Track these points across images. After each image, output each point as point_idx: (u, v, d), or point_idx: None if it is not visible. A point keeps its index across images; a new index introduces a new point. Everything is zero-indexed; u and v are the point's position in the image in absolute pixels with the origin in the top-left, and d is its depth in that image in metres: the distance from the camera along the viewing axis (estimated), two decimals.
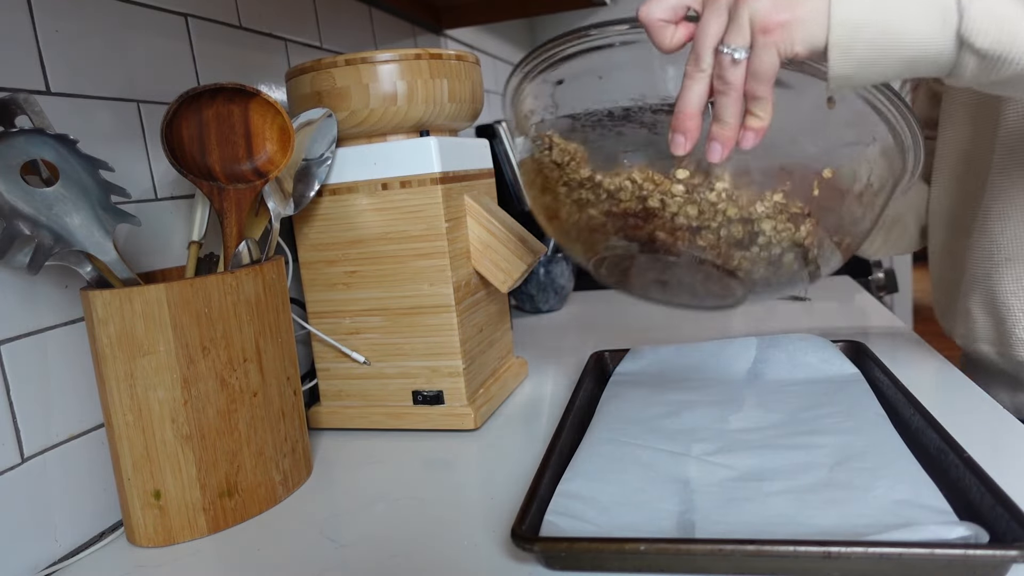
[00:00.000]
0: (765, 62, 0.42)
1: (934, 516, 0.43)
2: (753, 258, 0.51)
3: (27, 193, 0.50)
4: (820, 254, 0.52)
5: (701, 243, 0.50)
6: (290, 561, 0.50)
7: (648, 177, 0.50)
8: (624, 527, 0.46)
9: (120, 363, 0.52)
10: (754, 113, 0.44)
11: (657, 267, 0.55)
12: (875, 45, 0.42)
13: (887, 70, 0.43)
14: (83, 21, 0.59)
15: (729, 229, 0.49)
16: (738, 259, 0.51)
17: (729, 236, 0.49)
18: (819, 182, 0.49)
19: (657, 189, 0.49)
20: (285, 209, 0.67)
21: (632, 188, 0.50)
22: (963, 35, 0.41)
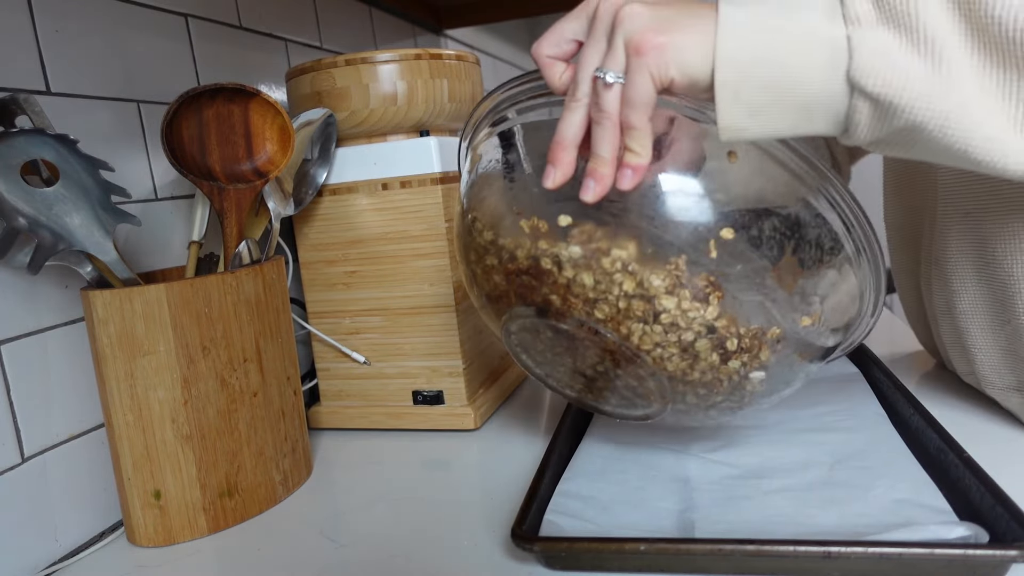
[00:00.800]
0: (638, 86, 0.39)
1: (934, 516, 0.43)
2: (662, 342, 0.44)
3: (27, 193, 0.50)
4: (747, 348, 0.45)
5: (599, 315, 0.45)
6: (290, 561, 0.50)
7: (533, 225, 0.45)
8: (624, 526, 0.46)
9: (120, 363, 0.52)
10: (630, 148, 0.41)
11: (563, 344, 0.49)
12: (767, 87, 0.38)
13: (782, 120, 0.39)
14: (83, 21, 0.59)
15: (629, 303, 0.44)
16: (639, 337, 0.44)
17: (629, 311, 0.44)
18: (716, 243, 0.43)
19: (549, 250, 0.45)
20: (285, 209, 0.67)
21: (529, 247, 0.46)
22: (853, 78, 0.37)
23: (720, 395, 0.47)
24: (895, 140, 0.40)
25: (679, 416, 0.51)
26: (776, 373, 0.47)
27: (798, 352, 0.48)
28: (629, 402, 0.51)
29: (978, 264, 0.57)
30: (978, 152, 0.38)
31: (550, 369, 0.53)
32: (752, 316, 0.45)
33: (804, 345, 0.48)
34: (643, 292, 0.44)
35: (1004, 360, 0.58)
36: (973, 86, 0.37)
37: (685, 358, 0.45)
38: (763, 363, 0.46)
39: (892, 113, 0.38)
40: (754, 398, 0.48)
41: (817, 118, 0.39)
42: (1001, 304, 0.56)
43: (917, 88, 0.37)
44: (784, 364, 0.47)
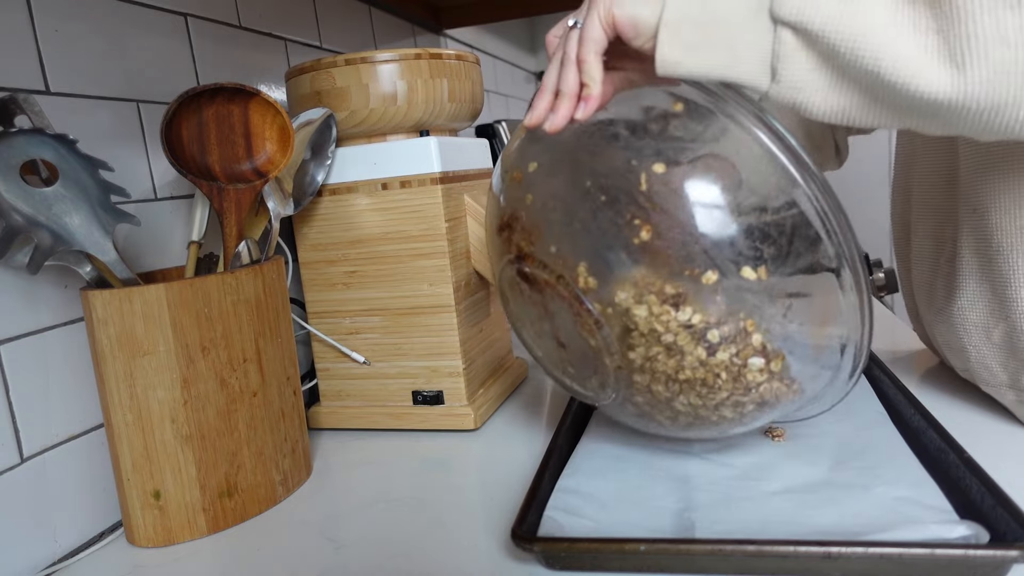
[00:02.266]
0: (588, 26, 0.46)
1: (935, 515, 0.43)
2: (643, 346, 0.46)
3: (27, 193, 0.50)
4: (730, 337, 0.45)
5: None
6: (290, 561, 0.50)
7: (513, 177, 0.50)
8: (624, 524, 0.47)
9: (120, 363, 0.52)
10: (584, 82, 0.47)
11: (535, 301, 0.52)
12: (701, 25, 0.43)
13: (713, 57, 0.43)
14: (83, 21, 0.59)
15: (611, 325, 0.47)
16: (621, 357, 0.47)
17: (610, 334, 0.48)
18: (648, 177, 0.44)
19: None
20: (285, 209, 0.67)
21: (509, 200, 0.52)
22: (774, 11, 0.41)
23: (723, 391, 0.47)
24: (816, 80, 0.42)
25: (692, 426, 0.50)
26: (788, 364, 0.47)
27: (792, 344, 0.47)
28: (583, 377, 0.52)
29: (982, 260, 0.58)
30: (889, 73, 0.40)
31: (524, 324, 0.55)
32: (729, 311, 0.45)
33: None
34: (614, 309, 0.46)
35: (997, 357, 0.59)
36: (884, 15, 0.40)
37: (672, 355, 0.46)
38: (757, 349, 0.45)
39: (810, 40, 0.41)
40: (769, 393, 0.47)
41: (744, 56, 0.43)
42: (1000, 300, 0.57)
43: (828, 11, 0.40)
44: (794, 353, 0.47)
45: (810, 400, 0.49)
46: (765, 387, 0.47)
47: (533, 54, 2.04)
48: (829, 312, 0.46)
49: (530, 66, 2.00)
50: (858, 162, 1.89)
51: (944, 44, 0.38)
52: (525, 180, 0.50)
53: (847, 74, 0.41)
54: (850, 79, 0.41)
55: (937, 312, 0.65)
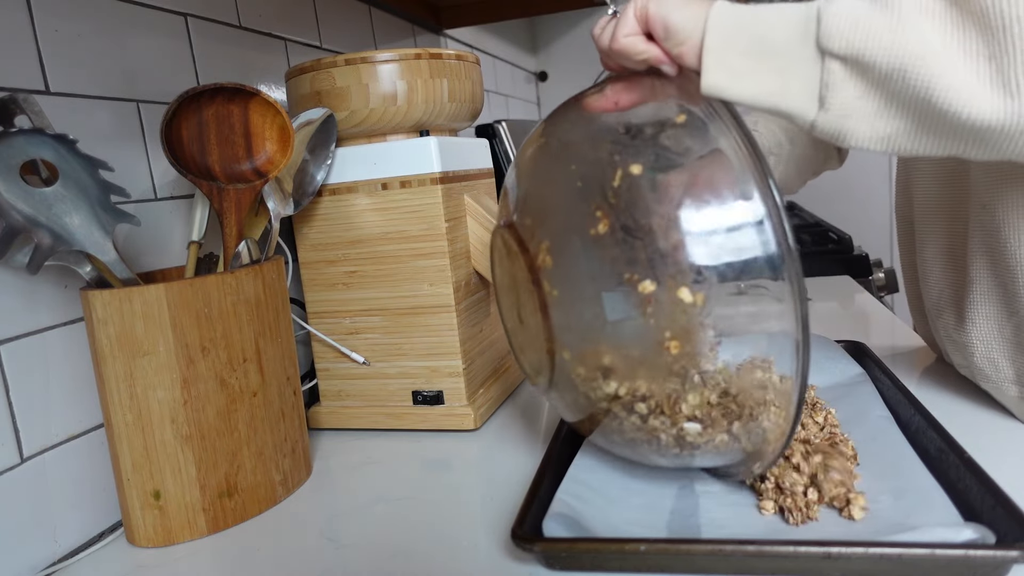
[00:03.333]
0: (622, 21, 0.47)
1: (940, 518, 0.43)
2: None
3: (27, 193, 0.50)
4: (662, 412, 0.44)
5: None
6: (290, 561, 0.50)
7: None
8: (629, 522, 0.47)
9: (120, 363, 0.52)
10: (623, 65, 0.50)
11: (510, 274, 0.53)
12: (745, 55, 0.43)
13: (760, 86, 0.44)
14: (83, 21, 0.59)
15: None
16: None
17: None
18: (623, 175, 0.45)
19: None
20: (285, 209, 0.67)
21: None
22: (821, 43, 0.42)
23: (665, 444, 0.47)
24: (864, 107, 0.42)
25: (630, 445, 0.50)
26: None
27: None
28: (528, 356, 0.53)
29: (992, 256, 0.58)
30: (940, 99, 0.40)
31: (501, 293, 0.56)
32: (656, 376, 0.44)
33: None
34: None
35: (1005, 352, 0.59)
36: (936, 41, 0.40)
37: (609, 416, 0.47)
38: (689, 416, 0.44)
39: (860, 69, 0.41)
40: (715, 445, 0.46)
41: (792, 86, 0.43)
42: (1011, 295, 0.57)
43: (879, 40, 0.40)
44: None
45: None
46: (710, 443, 0.46)
47: (533, 54, 2.04)
48: (761, 359, 0.44)
49: (530, 66, 2.00)
50: (859, 161, 1.89)
51: (997, 71, 0.39)
52: (535, 151, 0.51)
53: (897, 101, 0.42)
54: (899, 106, 0.42)
55: (945, 306, 0.65)
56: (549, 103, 2.04)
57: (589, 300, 0.45)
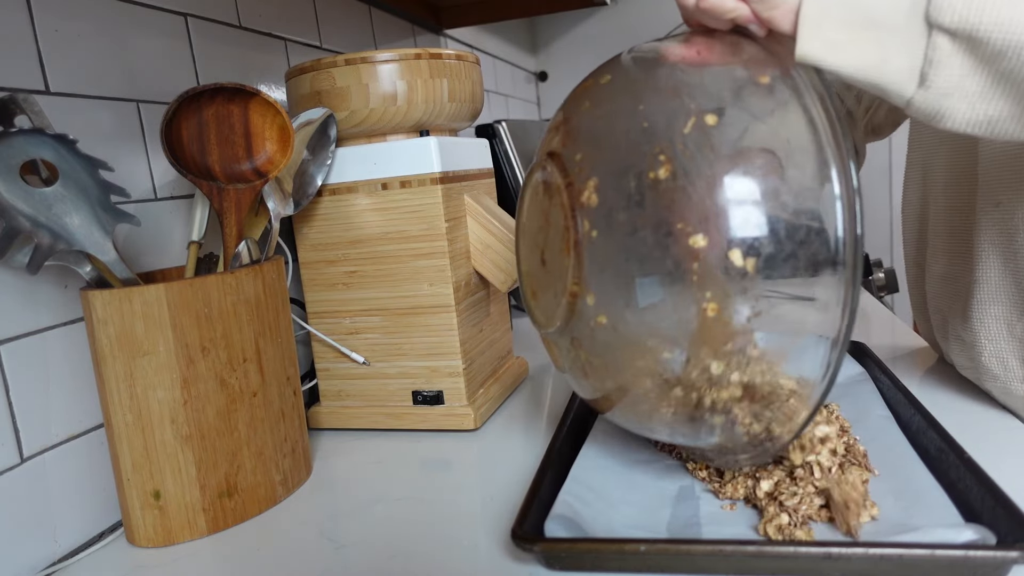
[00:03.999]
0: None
1: (940, 519, 0.43)
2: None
3: (26, 193, 0.50)
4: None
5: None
6: (290, 561, 0.50)
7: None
8: (629, 526, 0.47)
9: (120, 363, 0.52)
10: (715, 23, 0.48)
11: (543, 215, 0.51)
12: (844, 25, 0.42)
13: (858, 58, 0.42)
14: (83, 21, 0.59)
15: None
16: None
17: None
18: (696, 123, 0.43)
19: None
20: (285, 209, 0.67)
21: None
22: (931, 16, 0.40)
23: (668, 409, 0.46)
24: (969, 86, 0.41)
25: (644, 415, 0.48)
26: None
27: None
28: (544, 298, 0.51)
29: (1005, 255, 0.58)
30: None
31: (524, 233, 0.54)
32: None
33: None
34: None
35: (1016, 351, 0.59)
36: None
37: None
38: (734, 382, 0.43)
39: (971, 45, 0.40)
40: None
41: (893, 60, 0.41)
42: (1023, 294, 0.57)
43: (996, 14, 0.39)
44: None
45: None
46: (726, 416, 0.45)
47: (533, 54, 2.04)
48: (793, 345, 0.43)
49: (530, 66, 2.00)
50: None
51: None
52: (592, 89, 0.49)
53: (1007, 81, 0.40)
54: (1009, 86, 0.40)
55: (951, 305, 0.65)
56: (549, 103, 2.04)
57: (631, 246, 0.43)
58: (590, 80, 0.50)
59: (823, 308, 0.41)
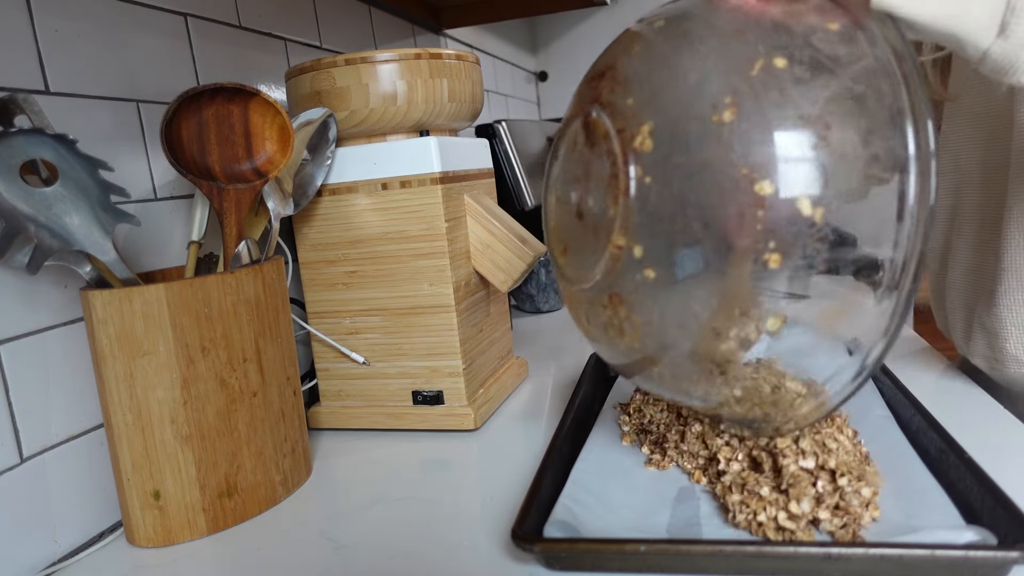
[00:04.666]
0: None
1: (941, 519, 0.43)
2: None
3: (26, 193, 0.50)
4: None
5: None
6: (290, 562, 0.50)
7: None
8: (629, 529, 0.46)
9: (120, 363, 0.52)
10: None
11: (584, 164, 0.48)
12: None
13: (936, 6, 0.40)
14: (83, 21, 0.59)
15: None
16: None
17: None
18: (764, 65, 0.40)
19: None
20: (285, 209, 0.67)
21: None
22: None
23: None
24: None
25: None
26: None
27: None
28: (578, 253, 0.48)
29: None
30: None
31: (557, 185, 0.51)
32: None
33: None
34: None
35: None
36: None
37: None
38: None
39: None
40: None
41: (973, 8, 0.40)
42: None
43: None
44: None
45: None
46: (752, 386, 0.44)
47: (533, 54, 2.04)
48: (849, 308, 0.42)
49: (530, 66, 2.00)
50: None
51: None
52: (641, 33, 0.47)
53: None
54: None
55: (978, 295, 0.66)
56: (549, 103, 2.04)
57: (688, 193, 0.40)
58: (635, 29, 0.47)
59: (889, 267, 0.39)
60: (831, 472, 0.47)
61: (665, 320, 0.43)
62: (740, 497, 0.46)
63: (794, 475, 0.46)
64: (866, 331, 0.42)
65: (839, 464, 0.47)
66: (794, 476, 0.46)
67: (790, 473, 0.46)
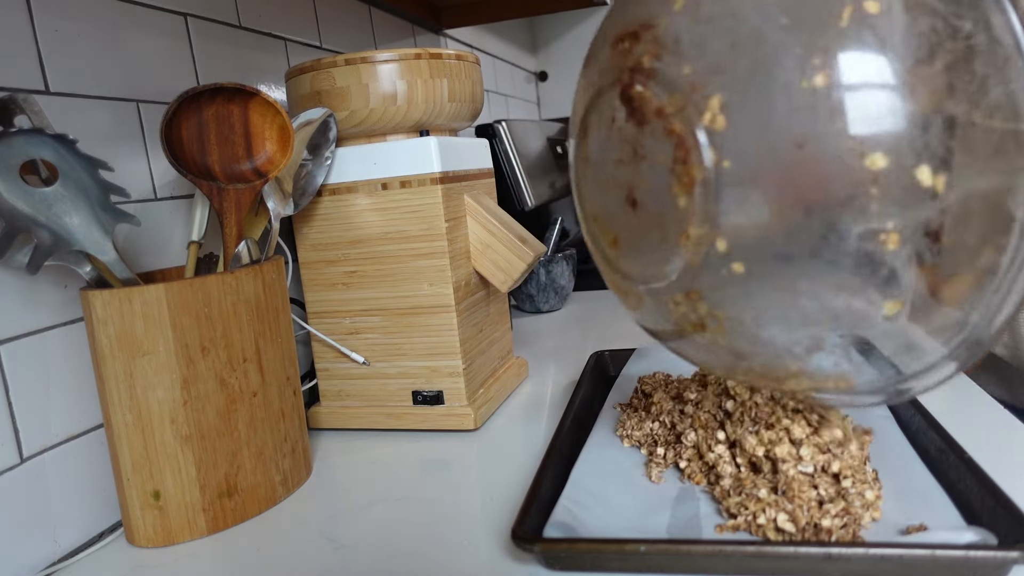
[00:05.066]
0: None
1: (941, 519, 0.43)
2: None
3: (26, 193, 0.50)
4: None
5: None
6: (290, 562, 0.50)
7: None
8: (630, 529, 0.46)
9: (120, 363, 0.52)
10: None
11: (626, 146, 0.41)
12: None
13: None
14: (83, 21, 0.59)
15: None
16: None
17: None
18: (854, 11, 0.34)
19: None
20: (285, 209, 0.67)
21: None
22: None
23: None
24: None
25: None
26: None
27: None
28: (641, 251, 0.42)
29: None
30: None
31: (591, 168, 0.45)
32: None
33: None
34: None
35: None
36: None
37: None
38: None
39: None
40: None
41: None
42: None
43: None
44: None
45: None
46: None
47: (533, 54, 2.04)
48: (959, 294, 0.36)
49: (530, 66, 2.00)
50: None
51: None
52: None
53: None
54: None
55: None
56: (549, 103, 2.04)
57: (781, 174, 0.35)
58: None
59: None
60: (834, 476, 0.47)
61: (761, 317, 0.39)
62: (738, 499, 0.46)
63: (794, 478, 0.46)
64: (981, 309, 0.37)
65: (843, 468, 0.47)
66: (794, 479, 0.46)
67: (789, 476, 0.47)
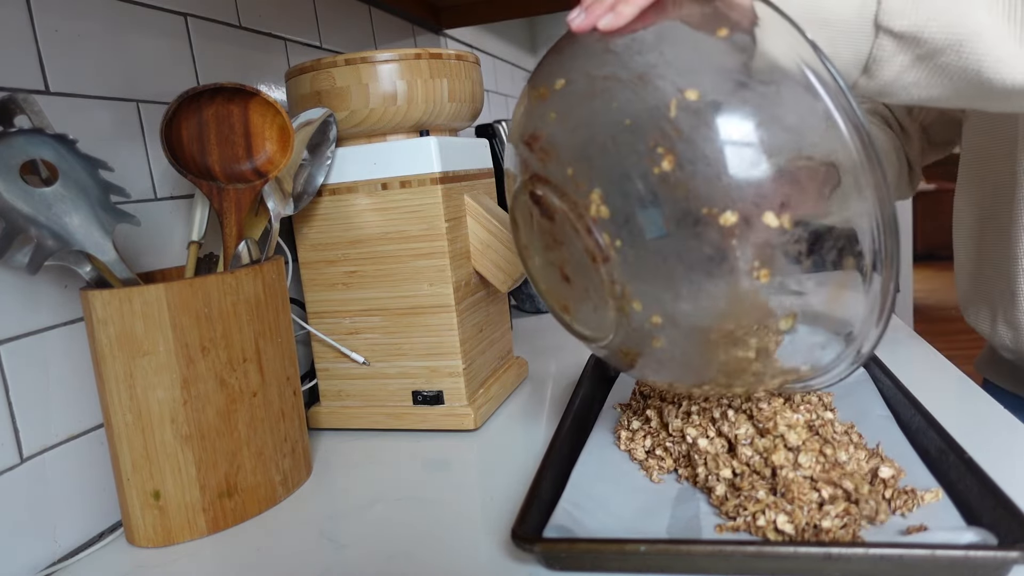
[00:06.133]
0: None
1: (941, 519, 0.43)
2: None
3: (26, 193, 0.50)
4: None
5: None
6: (289, 562, 0.50)
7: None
8: (629, 530, 0.46)
9: (120, 363, 0.52)
10: (619, 9, 0.45)
11: (550, 234, 0.49)
12: (798, 19, 0.41)
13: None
14: (83, 21, 0.59)
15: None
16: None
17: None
18: (679, 103, 0.40)
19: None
20: (285, 209, 0.67)
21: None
22: (880, 20, 0.45)
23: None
24: (909, 77, 0.47)
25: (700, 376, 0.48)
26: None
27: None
28: (584, 315, 0.50)
29: None
30: (990, 71, 0.44)
31: (531, 254, 0.53)
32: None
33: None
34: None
35: None
36: (985, 17, 0.44)
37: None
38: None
39: (914, 44, 0.45)
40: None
41: (842, 53, 0.47)
42: None
43: (940, 19, 0.44)
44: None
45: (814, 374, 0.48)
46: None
47: (533, 54, 2.04)
48: (843, 295, 0.43)
49: (530, 66, 1.99)
50: None
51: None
52: (551, 97, 0.46)
53: (943, 73, 0.46)
54: (944, 77, 0.46)
55: (1000, 286, 0.71)
56: None
57: (661, 245, 0.41)
58: (543, 88, 0.47)
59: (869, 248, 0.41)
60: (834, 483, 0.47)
61: (690, 357, 0.46)
62: (737, 502, 0.46)
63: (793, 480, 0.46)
64: (860, 316, 0.44)
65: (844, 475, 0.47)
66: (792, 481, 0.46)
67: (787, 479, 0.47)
